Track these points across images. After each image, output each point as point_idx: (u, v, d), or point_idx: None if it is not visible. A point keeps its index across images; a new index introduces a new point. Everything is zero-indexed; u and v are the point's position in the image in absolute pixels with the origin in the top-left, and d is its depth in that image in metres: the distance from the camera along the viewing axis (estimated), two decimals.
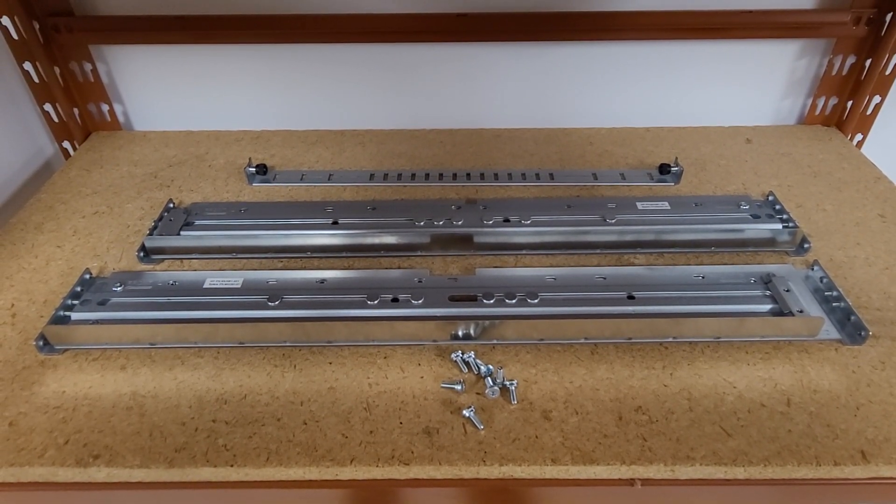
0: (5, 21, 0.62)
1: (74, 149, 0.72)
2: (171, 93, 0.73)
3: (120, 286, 0.48)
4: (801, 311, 0.45)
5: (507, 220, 0.55)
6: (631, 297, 0.47)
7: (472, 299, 0.47)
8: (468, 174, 0.64)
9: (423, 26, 0.66)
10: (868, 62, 0.67)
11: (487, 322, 0.44)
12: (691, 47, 0.70)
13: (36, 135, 0.72)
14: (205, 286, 0.49)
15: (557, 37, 0.68)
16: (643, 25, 0.66)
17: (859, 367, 0.43)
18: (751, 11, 0.65)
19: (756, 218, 0.55)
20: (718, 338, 0.44)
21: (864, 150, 0.73)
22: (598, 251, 0.54)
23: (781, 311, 0.45)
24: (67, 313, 0.46)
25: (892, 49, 0.64)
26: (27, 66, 0.66)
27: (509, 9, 0.65)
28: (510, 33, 0.67)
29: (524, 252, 0.54)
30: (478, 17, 0.65)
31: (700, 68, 0.71)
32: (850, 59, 0.68)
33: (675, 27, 0.66)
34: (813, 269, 0.50)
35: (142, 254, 0.53)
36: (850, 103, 0.70)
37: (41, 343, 0.44)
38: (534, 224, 0.54)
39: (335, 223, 0.55)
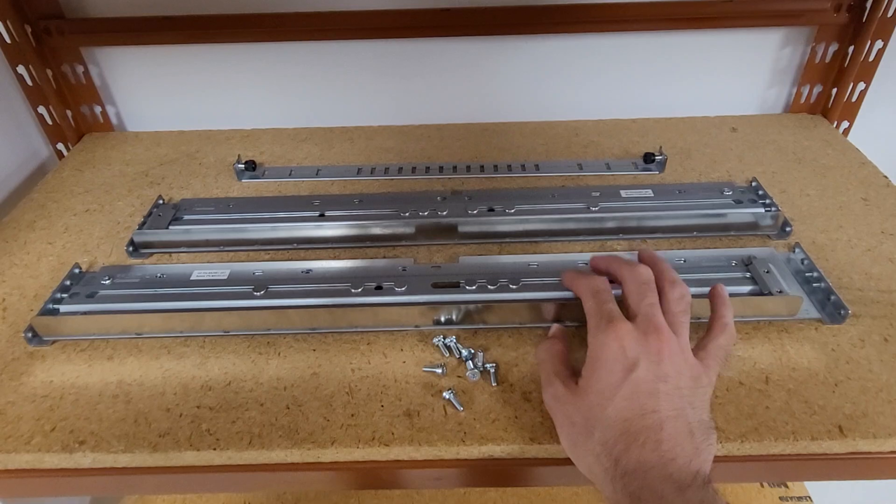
0: None
1: (69, 150, 0.73)
2: (162, 93, 0.74)
3: (108, 279, 0.49)
4: (780, 292, 0.45)
5: (491, 210, 0.55)
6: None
7: (454, 286, 0.47)
8: (454, 167, 0.65)
9: (408, 22, 0.66)
10: (850, 49, 0.67)
11: (472, 306, 0.45)
12: (676, 38, 0.70)
13: (31, 138, 0.73)
14: (192, 278, 0.50)
15: (543, 30, 0.68)
16: (629, 17, 0.66)
17: (839, 346, 0.43)
18: (733, 1, 0.65)
19: (739, 203, 0.55)
20: (699, 318, 0.44)
21: (851, 137, 0.73)
22: (581, 238, 0.54)
23: (761, 292, 0.46)
24: (56, 306, 0.47)
25: (874, 35, 0.65)
26: (20, 69, 0.67)
27: (494, 3, 0.66)
28: (496, 27, 0.67)
29: (508, 240, 0.54)
30: (462, 11, 0.66)
31: (686, 59, 0.72)
32: (833, 47, 0.69)
33: (661, 17, 0.66)
34: (794, 252, 0.50)
35: (131, 248, 0.54)
36: (834, 91, 0.70)
37: (30, 335, 0.45)
38: (518, 213, 0.55)
39: (322, 216, 0.56)
